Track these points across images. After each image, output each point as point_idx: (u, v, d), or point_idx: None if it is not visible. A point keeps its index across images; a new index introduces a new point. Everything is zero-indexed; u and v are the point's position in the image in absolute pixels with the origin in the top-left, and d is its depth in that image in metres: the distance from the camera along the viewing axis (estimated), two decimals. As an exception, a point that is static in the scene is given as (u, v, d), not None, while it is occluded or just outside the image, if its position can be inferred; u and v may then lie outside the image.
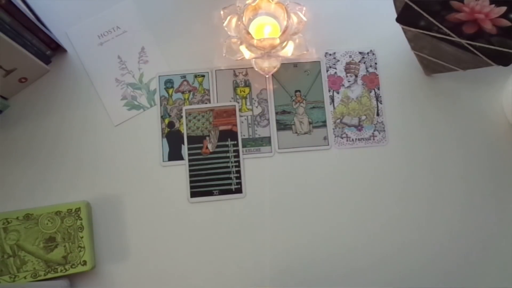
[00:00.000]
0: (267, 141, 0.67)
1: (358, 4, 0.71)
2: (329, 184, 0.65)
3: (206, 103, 0.68)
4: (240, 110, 0.67)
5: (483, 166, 0.66)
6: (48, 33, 0.64)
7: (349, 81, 0.69)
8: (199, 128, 0.67)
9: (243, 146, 0.66)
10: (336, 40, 0.70)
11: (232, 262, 0.63)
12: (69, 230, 0.61)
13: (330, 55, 0.69)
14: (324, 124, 0.67)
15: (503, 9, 0.49)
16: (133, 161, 0.66)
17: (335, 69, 0.69)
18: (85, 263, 0.60)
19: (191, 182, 0.65)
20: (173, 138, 0.66)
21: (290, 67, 0.69)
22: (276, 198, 0.65)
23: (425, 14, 0.54)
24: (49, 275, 0.60)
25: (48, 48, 0.67)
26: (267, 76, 0.68)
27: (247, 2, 0.64)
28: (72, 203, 0.62)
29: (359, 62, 0.69)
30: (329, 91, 0.68)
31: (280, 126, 0.67)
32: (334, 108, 0.68)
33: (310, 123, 0.67)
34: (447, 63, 0.62)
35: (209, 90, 0.68)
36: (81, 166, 0.65)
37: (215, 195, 0.65)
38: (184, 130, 0.67)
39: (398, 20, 0.57)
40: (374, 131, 0.67)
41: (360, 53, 0.69)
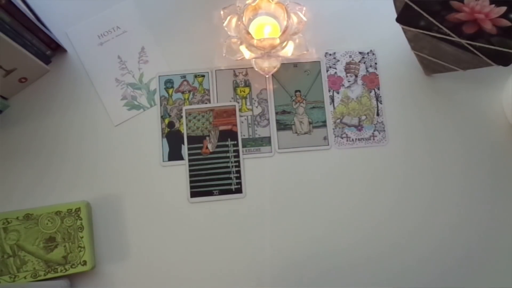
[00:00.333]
0: (267, 141, 0.67)
1: (358, 4, 0.71)
2: (329, 184, 0.65)
3: (206, 103, 0.68)
4: (240, 110, 0.67)
5: (483, 166, 0.66)
6: (48, 33, 0.64)
7: (349, 81, 0.69)
8: (199, 128, 0.67)
9: (243, 146, 0.66)
10: (336, 40, 0.70)
11: (232, 262, 0.63)
12: (69, 230, 0.61)
13: (330, 55, 0.69)
14: (324, 124, 0.67)
15: (503, 9, 0.49)
16: (133, 161, 0.66)
17: (335, 69, 0.69)
18: (85, 263, 0.60)
19: (191, 182, 0.65)
20: (173, 138, 0.66)
21: (290, 67, 0.69)
22: (276, 198, 0.65)
23: (425, 14, 0.54)
24: (49, 275, 0.60)
25: (48, 48, 0.67)
26: (267, 76, 0.68)
27: (247, 2, 0.64)
28: (72, 203, 0.62)
29: (359, 62, 0.69)
30: (329, 91, 0.68)
31: (280, 126, 0.67)
32: (334, 108, 0.68)
33: (310, 123, 0.67)
34: (447, 63, 0.62)
35: (209, 90, 0.68)
36: (81, 166, 0.65)
37: (215, 195, 0.65)
38: (184, 130, 0.67)
39: (398, 20, 0.57)
40: (374, 131, 0.67)
41: (360, 53, 0.69)
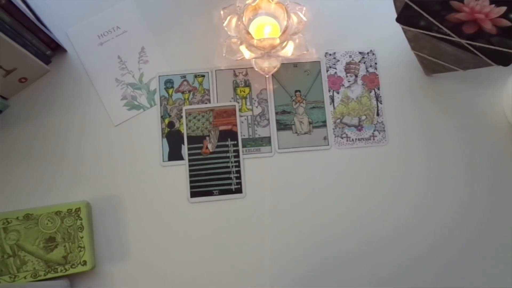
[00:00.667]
0: (267, 141, 0.67)
1: (358, 4, 0.71)
2: (329, 184, 0.65)
3: (206, 103, 0.68)
4: (240, 110, 0.67)
5: (483, 166, 0.66)
6: (48, 33, 0.64)
7: (349, 81, 0.69)
8: (199, 128, 0.67)
9: (243, 146, 0.66)
10: (336, 40, 0.70)
11: (232, 262, 0.63)
12: (69, 230, 0.61)
13: (330, 55, 0.69)
14: (324, 124, 0.67)
15: (503, 9, 0.49)
16: (133, 161, 0.66)
17: (335, 69, 0.69)
18: (85, 263, 0.60)
19: (191, 182, 0.65)
20: (173, 138, 0.66)
21: (290, 67, 0.69)
22: (276, 198, 0.65)
23: (425, 14, 0.54)
24: (49, 275, 0.60)
25: (48, 48, 0.67)
26: (267, 76, 0.68)
27: (247, 2, 0.64)
28: (72, 203, 0.62)
29: (359, 62, 0.69)
30: (329, 91, 0.68)
31: (280, 126, 0.67)
32: (334, 108, 0.68)
33: (310, 123, 0.67)
34: (447, 63, 0.62)
35: (209, 90, 0.68)
36: (81, 166, 0.65)
37: (215, 195, 0.65)
38: (184, 130, 0.67)
39: (398, 20, 0.57)
40: (374, 131, 0.67)
41: (360, 53, 0.69)
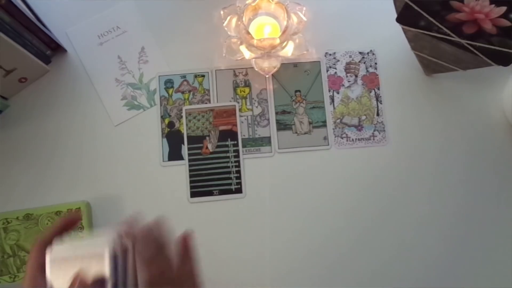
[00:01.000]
0: (267, 141, 0.67)
1: (358, 4, 0.71)
2: (329, 184, 0.65)
3: (206, 103, 0.68)
4: (240, 110, 0.67)
5: (483, 166, 0.66)
6: (48, 33, 0.64)
7: (349, 81, 0.69)
8: (199, 128, 0.67)
9: (243, 146, 0.66)
10: (336, 40, 0.70)
11: (232, 262, 0.63)
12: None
13: (330, 55, 0.69)
14: (324, 124, 0.67)
15: (503, 9, 0.49)
16: (133, 161, 0.66)
17: (335, 69, 0.69)
18: (85, 263, 0.60)
19: (191, 182, 0.65)
20: (173, 138, 0.66)
21: (290, 67, 0.69)
22: (276, 198, 0.65)
23: (425, 14, 0.54)
24: (49, 275, 0.60)
25: (48, 48, 0.67)
26: (267, 76, 0.68)
27: (247, 2, 0.64)
28: (72, 203, 0.62)
29: (359, 62, 0.69)
30: (329, 91, 0.68)
31: (280, 126, 0.67)
32: (334, 108, 0.68)
33: (310, 123, 0.67)
34: (447, 63, 0.62)
35: (209, 90, 0.68)
36: (81, 166, 0.65)
37: (215, 195, 0.65)
38: (184, 130, 0.67)
39: (398, 20, 0.57)
40: (374, 131, 0.67)
41: (360, 53, 0.69)
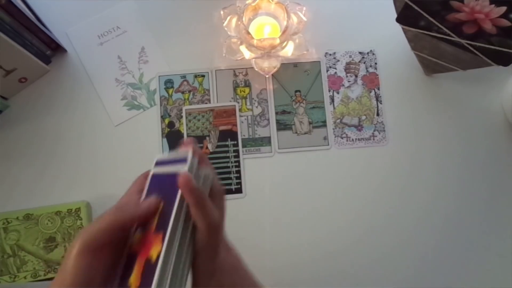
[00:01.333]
0: (267, 141, 0.67)
1: (358, 4, 0.71)
2: (329, 184, 0.65)
3: (206, 103, 0.68)
4: (240, 110, 0.67)
5: (483, 166, 0.66)
6: (48, 33, 0.64)
7: (349, 81, 0.69)
8: (199, 128, 0.67)
9: (243, 146, 0.66)
10: (336, 40, 0.70)
11: (232, 262, 0.63)
12: (69, 230, 0.61)
13: (330, 55, 0.69)
14: (324, 124, 0.67)
15: (503, 9, 0.49)
16: (133, 161, 0.66)
17: (335, 69, 0.69)
18: (85, 263, 0.60)
19: (191, 182, 0.65)
20: (173, 138, 0.66)
21: (290, 67, 0.69)
22: (276, 198, 0.65)
23: (425, 14, 0.54)
24: (49, 275, 0.60)
25: (48, 48, 0.67)
26: (267, 76, 0.68)
27: (247, 2, 0.64)
28: (72, 203, 0.62)
29: (359, 62, 0.69)
30: (329, 91, 0.68)
31: (280, 126, 0.67)
32: (334, 108, 0.68)
33: (310, 123, 0.67)
34: (447, 63, 0.62)
35: (209, 90, 0.68)
36: (81, 166, 0.65)
37: (215, 195, 0.65)
38: (184, 130, 0.67)
39: (398, 20, 0.57)
40: (374, 131, 0.67)
41: (360, 53, 0.69)
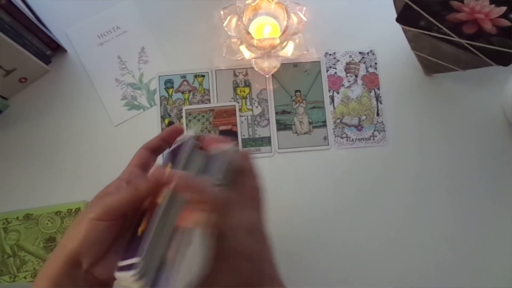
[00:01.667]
0: (267, 141, 0.67)
1: (358, 4, 0.71)
2: (329, 184, 0.65)
3: (206, 103, 0.68)
4: (240, 110, 0.67)
5: (483, 166, 0.66)
6: (48, 33, 0.64)
7: (349, 81, 0.69)
8: (199, 128, 0.67)
9: (243, 146, 0.66)
10: (336, 40, 0.70)
11: (232, 262, 0.63)
12: (69, 230, 0.61)
13: (330, 55, 0.69)
14: (324, 124, 0.67)
15: (503, 9, 0.49)
16: (133, 161, 0.66)
17: (335, 69, 0.69)
18: (85, 263, 0.60)
19: (191, 182, 0.65)
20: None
21: (290, 67, 0.69)
22: (275, 198, 0.65)
23: (425, 14, 0.54)
24: (49, 275, 0.59)
25: (48, 48, 0.67)
26: (267, 76, 0.68)
27: (247, 2, 0.64)
28: (72, 203, 0.62)
29: (359, 62, 0.69)
30: (329, 91, 0.68)
31: (280, 126, 0.67)
32: (334, 108, 0.68)
33: (310, 123, 0.67)
34: (447, 63, 0.62)
35: (209, 90, 0.68)
36: (81, 166, 0.65)
37: (215, 195, 0.65)
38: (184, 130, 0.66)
39: (398, 20, 0.57)
40: (374, 131, 0.67)
41: (360, 53, 0.69)
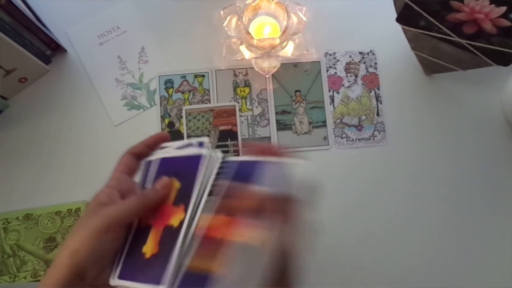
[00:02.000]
0: (267, 141, 0.67)
1: (358, 4, 0.71)
2: (329, 184, 0.65)
3: (206, 103, 0.68)
4: (240, 110, 0.67)
5: (483, 166, 0.66)
6: (48, 33, 0.64)
7: (349, 81, 0.69)
8: (199, 128, 0.67)
9: (243, 146, 0.66)
10: (336, 40, 0.70)
11: (232, 262, 0.63)
12: (69, 230, 0.61)
13: (330, 55, 0.69)
14: (324, 124, 0.67)
15: (503, 9, 0.49)
16: (133, 161, 0.66)
17: (335, 69, 0.69)
18: (85, 263, 0.60)
19: (191, 182, 0.65)
20: (173, 138, 0.66)
21: (290, 67, 0.69)
22: (276, 198, 0.65)
23: (425, 14, 0.54)
24: (49, 275, 0.60)
25: (48, 48, 0.67)
26: (267, 76, 0.68)
27: (247, 2, 0.64)
28: (72, 203, 0.62)
29: (359, 62, 0.69)
30: (329, 91, 0.68)
31: (280, 126, 0.67)
32: (334, 108, 0.68)
33: (310, 123, 0.67)
34: (447, 63, 0.62)
35: (209, 90, 0.68)
36: (81, 166, 0.65)
37: (215, 195, 0.65)
38: (184, 130, 0.67)
39: (398, 20, 0.57)
40: (374, 131, 0.67)
41: (360, 53, 0.69)
